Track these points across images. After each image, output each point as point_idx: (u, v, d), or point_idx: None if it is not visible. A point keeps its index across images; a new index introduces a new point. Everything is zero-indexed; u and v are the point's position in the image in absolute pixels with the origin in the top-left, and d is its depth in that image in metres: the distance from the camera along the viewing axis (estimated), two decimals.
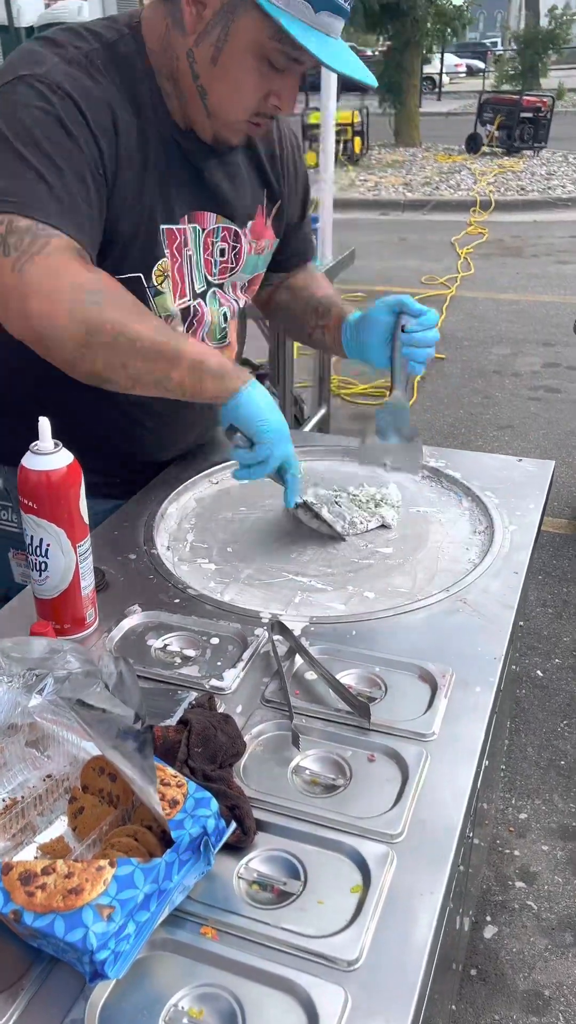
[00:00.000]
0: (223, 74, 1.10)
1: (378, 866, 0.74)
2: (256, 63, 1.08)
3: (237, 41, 1.07)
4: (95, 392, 1.13)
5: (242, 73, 1.09)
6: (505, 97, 14.77)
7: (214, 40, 1.08)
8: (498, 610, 1.10)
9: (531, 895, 1.95)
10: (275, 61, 1.08)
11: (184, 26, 1.09)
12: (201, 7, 1.07)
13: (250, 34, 1.06)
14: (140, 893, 0.65)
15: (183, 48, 1.11)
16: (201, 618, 1.09)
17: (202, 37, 1.08)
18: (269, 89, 1.11)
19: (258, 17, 1.04)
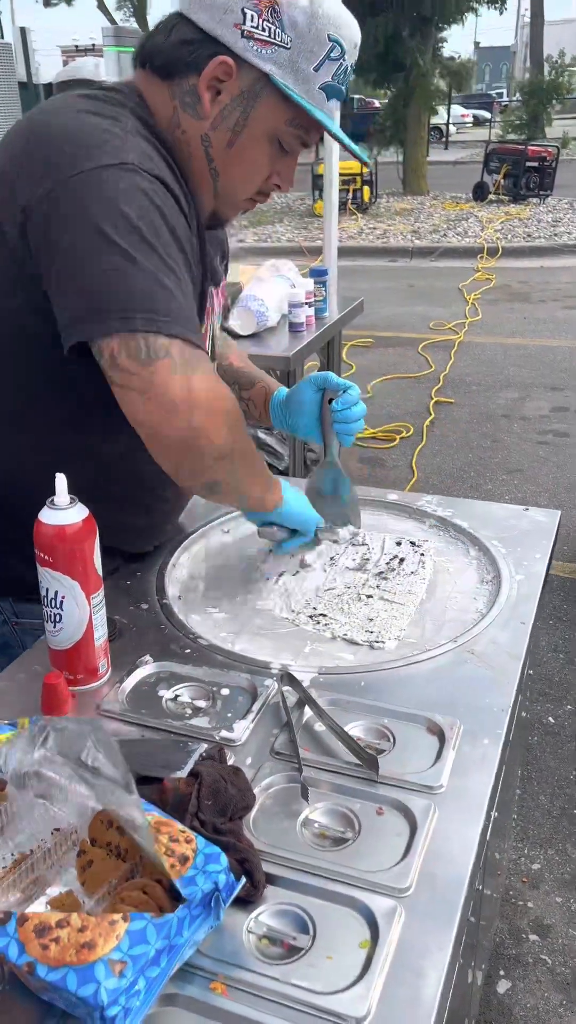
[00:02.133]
0: (239, 158, 1.13)
1: (386, 921, 0.75)
2: (269, 147, 1.13)
3: (255, 127, 1.10)
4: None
5: (257, 157, 1.13)
6: (511, 146, 15.07)
7: (231, 125, 1.10)
8: (506, 661, 1.11)
9: (545, 949, 1.92)
10: (286, 144, 1.13)
11: (199, 111, 1.09)
12: (216, 93, 1.08)
13: (269, 120, 1.10)
14: (152, 948, 0.66)
15: (196, 132, 1.11)
16: (212, 668, 1.10)
17: (218, 122, 1.10)
18: (273, 169, 1.16)
19: (278, 104, 1.08)
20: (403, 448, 4.72)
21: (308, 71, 1.07)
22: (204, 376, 1.02)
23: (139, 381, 0.99)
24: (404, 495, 1.59)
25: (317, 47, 1.06)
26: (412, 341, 6.72)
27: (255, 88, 1.08)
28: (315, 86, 1.08)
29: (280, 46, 1.05)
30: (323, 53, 1.06)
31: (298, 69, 1.06)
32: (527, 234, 11.27)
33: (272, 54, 1.05)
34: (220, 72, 1.06)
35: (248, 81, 1.07)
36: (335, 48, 1.06)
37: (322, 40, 1.05)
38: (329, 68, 1.07)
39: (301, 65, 1.06)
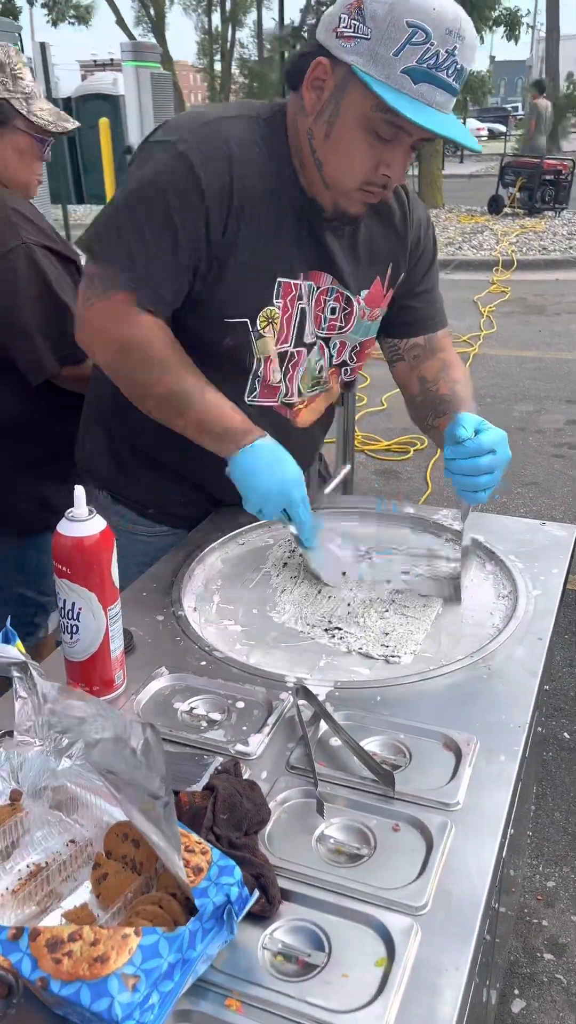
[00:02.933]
0: (336, 146, 1.22)
1: (403, 939, 0.74)
2: (364, 135, 1.19)
3: (346, 116, 1.19)
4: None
5: (352, 144, 1.20)
6: (526, 161, 15.08)
7: (327, 117, 1.21)
8: (523, 677, 1.10)
9: (560, 968, 1.89)
10: (381, 132, 1.18)
11: (305, 109, 1.23)
12: (319, 91, 1.20)
13: (357, 108, 1.17)
14: (164, 962, 0.65)
15: (304, 127, 1.25)
16: (227, 681, 1.10)
17: (319, 116, 1.22)
18: (379, 159, 1.21)
19: (362, 92, 1.15)
20: (417, 460, 4.71)
21: (387, 56, 1.12)
22: (102, 307, 1.27)
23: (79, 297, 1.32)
24: (420, 508, 1.59)
25: (396, 33, 1.10)
26: None
27: (344, 81, 1.17)
28: (397, 70, 1.12)
29: (362, 38, 1.13)
30: (403, 39, 1.10)
31: (377, 56, 1.12)
32: (542, 247, 11.26)
33: (355, 47, 1.14)
34: (319, 72, 1.19)
35: (340, 76, 1.18)
36: (417, 33, 1.10)
37: (400, 26, 1.10)
38: (412, 52, 1.11)
39: (380, 52, 1.12)
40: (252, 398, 1.39)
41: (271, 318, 1.33)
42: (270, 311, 1.32)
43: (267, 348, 1.35)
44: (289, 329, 1.36)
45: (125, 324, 1.26)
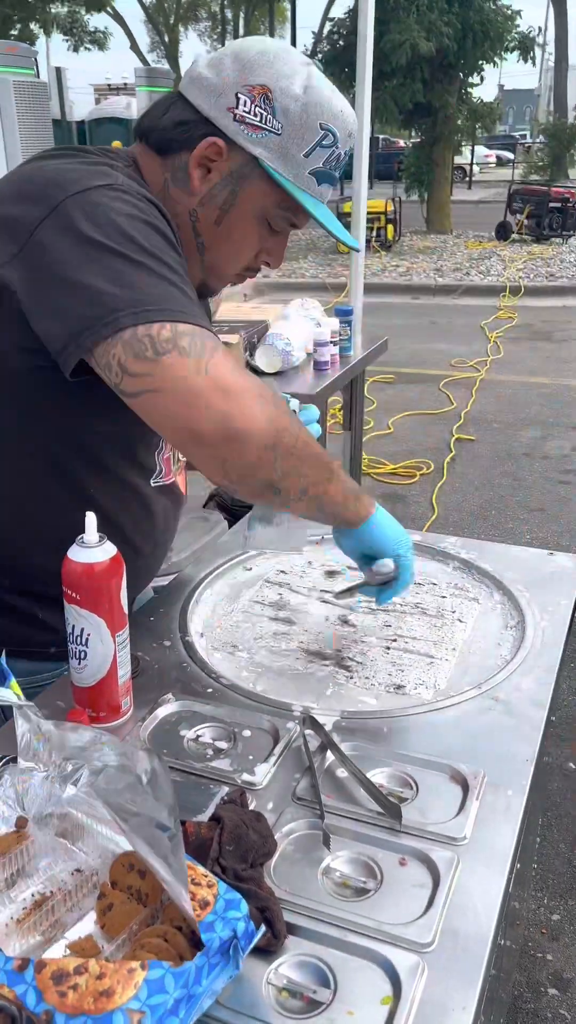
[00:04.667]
0: (226, 234, 1.15)
1: (409, 977, 0.74)
2: (257, 226, 1.14)
3: (243, 206, 1.12)
4: None
5: (244, 235, 1.15)
6: (534, 187, 15.23)
7: (220, 203, 1.12)
8: (530, 709, 1.10)
9: (564, 1003, 1.87)
10: (275, 224, 1.15)
11: (188, 187, 1.11)
12: (206, 171, 1.10)
13: (257, 201, 1.12)
14: (170, 998, 0.65)
15: (185, 206, 1.13)
16: (233, 708, 1.10)
17: (208, 199, 1.12)
18: (263, 247, 1.18)
19: (266, 187, 1.10)
20: (423, 485, 4.72)
21: (298, 157, 1.09)
22: (222, 360, 0.96)
23: (152, 380, 0.94)
24: (427, 536, 1.59)
25: (308, 134, 1.08)
26: (434, 378, 6.76)
27: (244, 170, 1.10)
28: (305, 171, 1.09)
29: (271, 131, 1.07)
30: (314, 140, 1.08)
31: (288, 154, 1.08)
32: (549, 273, 11.34)
33: (262, 138, 1.08)
34: (211, 152, 1.09)
35: (238, 162, 1.10)
36: (327, 136, 1.09)
37: (313, 128, 1.07)
38: (321, 155, 1.09)
39: (291, 151, 1.08)
40: (157, 479, 1.24)
41: None
42: None
43: None
44: None
45: (239, 370, 1.00)
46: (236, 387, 0.95)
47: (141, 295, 0.94)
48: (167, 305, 0.95)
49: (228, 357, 0.98)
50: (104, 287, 0.94)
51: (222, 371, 0.95)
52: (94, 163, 1.07)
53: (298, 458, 1.02)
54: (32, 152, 1.22)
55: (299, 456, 1.02)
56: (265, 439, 0.97)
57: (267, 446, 0.97)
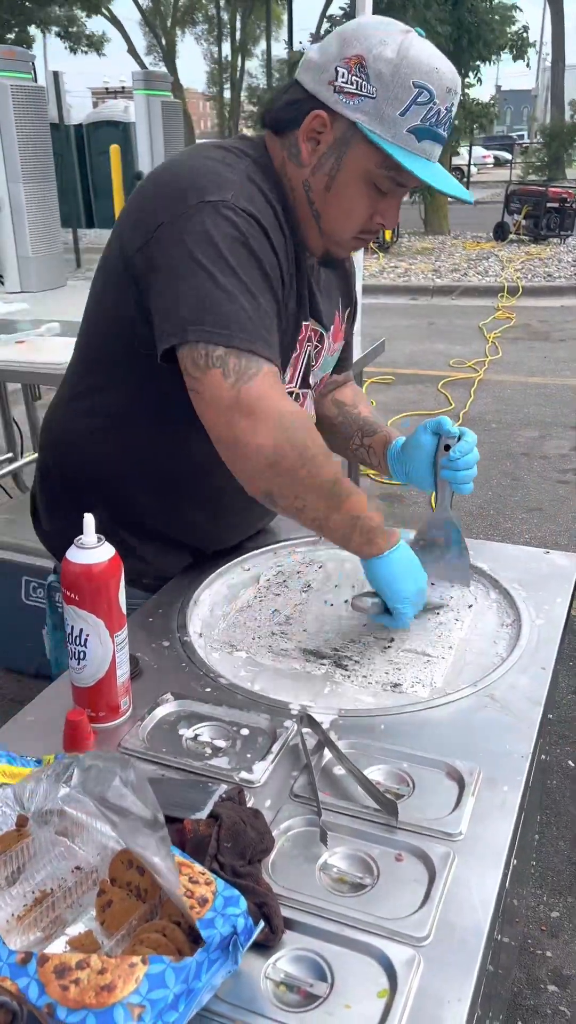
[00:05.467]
0: (336, 199, 1.23)
1: (405, 970, 0.74)
2: (365, 189, 1.21)
3: (349, 170, 1.20)
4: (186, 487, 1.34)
5: (353, 198, 1.22)
6: (532, 188, 15.25)
7: (327, 170, 1.21)
8: (526, 707, 1.11)
9: (564, 1000, 1.88)
10: (381, 186, 1.21)
11: (300, 159, 1.22)
12: (315, 143, 1.20)
13: (361, 164, 1.19)
14: (171, 993, 0.66)
15: (299, 178, 1.24)
16: (232, 708, 1.11)
17: (317, 168, 1.22)
18: (374, 210, 1.24)
19: (368, 149, 1.17)
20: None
21: (394, 116, 1.14)
22: (257, 385, 1.11)
23: (199, 384, 1.13)
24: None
25: (402, 93, 1.13)
26: (432, 379, 6.77)
27: (346, 136, 1.18)
28: (402, 129, 1.14)
29: (366, 96, 1.14)
30: (409, 99, 1.13)
31: (384, 115, 1.14)
32: (547, 274, 11.36)
33: (359, 104, 1.15)
34: (316, 124, 1.19)
35: (341, 130, 1.18)
36: (422, 93, 1.13)
37: (407, 87, 1.12)
38: (417, 112, 1.14)
39: (387, 111, 1.14)
40: None
41: (291, 363, 1.34)
42: (292, 357, 1.33)
43: None
44: (296, 371, 1.37)
45: (285, 400, 1.14)
46: (257, 410, 1.11)
47: (215, 316, 1.11)
48: (232, 329, 1.11)
49: (267, 382, 1.12)
50: (191, 302, 1.12)
51: (252, 394, 1.11)
52: (225, 164, 1.19)
53: (297, 482, 1.15)
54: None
55: (298, 481, 1.15)
56: (264, 458, 1.12)
57: (267, 464, 1.13)
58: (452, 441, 1.37)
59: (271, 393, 1.12)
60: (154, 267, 1.16)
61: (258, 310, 1.13)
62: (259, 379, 1.11)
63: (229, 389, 1.10)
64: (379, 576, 1.24)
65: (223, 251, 1.12)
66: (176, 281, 1.13)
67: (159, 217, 1.16)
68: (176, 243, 1.13)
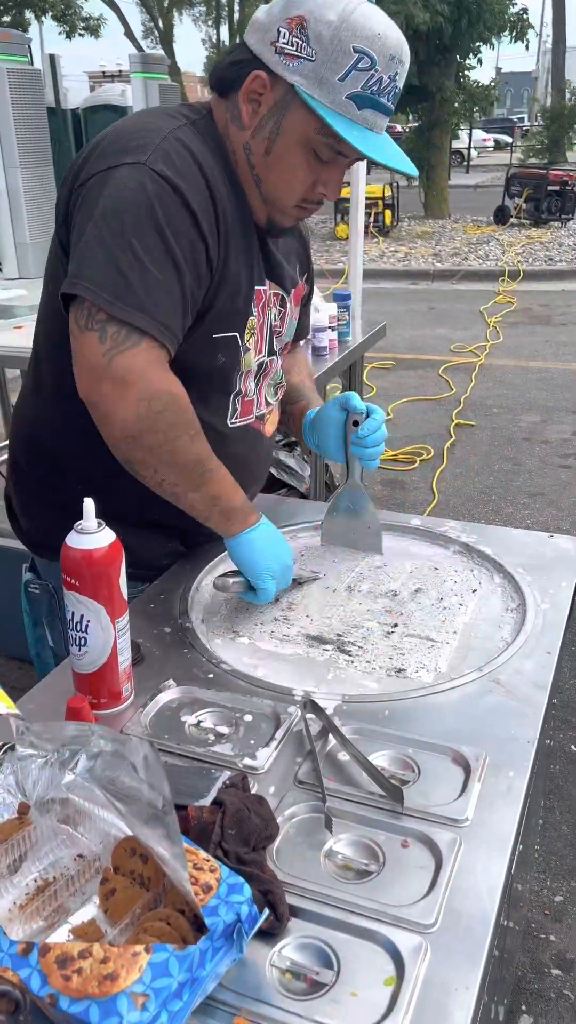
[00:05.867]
0: (276, 164, 1.20)
1: (412, 958, 0.74)
2: (304, 155, 1.19)
3: (288, 135, 1.17)
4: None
5: (293, 164, 1.20)
6: (532, 171, 15.14)
7: (267, 134, 1.19)
8: (531, 691, 1.09)
9: (568, 984, 1.88)
10: (321, 153, 1.18)
11: (241, 121, 1.20)
12: (256, 105, 1.18)
13: (299, 129, 1.16)
14: (174, 981, 0.65)
15: (240, 141, 1.21)
16: (234, 694, 1.10)
17: (257, 131, 1.19)
18: (316, 179, 1.22)
19: (306, 114, 1.14)
20: (423, 470, 4.71)
21: (333, 81, 1.11)
22: (130, 357, 1.10)
23: (76, 344, 1.12)
24: (427, 520, 1.58)
25: (342, 58, 1.10)
26: (433, 363, 6.74)
27: (286, 99, 1.15)
28: (341, 95, 1.12)
29: (306, 59, 1.11)
30: (348, 64, 1.10)
31: (323, 79, 1.11)
32: (548, 257, 11.29)
33: (298, 67, 1.12)
34: (256, 86, 1.16)
35: (280, 93, 1.15)
36: (362, 59, 1.10)
37: (347, 51, 1.10)
38: (357, 78, 1.11)
39: (325, 75, 1.11)
40: (234, 420, 1.34)
41: (252, 329, 1.31)
42: (251, 322, 1.30)
43: (250, 362, 1.32)
44: (263, 338, 1.35)
45: (157, 377, 1.13)
46: (125, 382, 1.11)
47: (101, 280, 1.09)
48: (114, 296, 1.09)
49: (143, 357, 1.11)
50: (86, 260, 1.11)
51: (123, 366, 1.10)
52: (152, 128, 1.16)
53: (157, 458, 1.17)
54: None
55: (159, 457, 1.16)
56: (126, 430, 1.13)
57: (127, 436, 1.14)
58: (360, 418, 1.38)
59: (143, 368, 1.11)
60: (71, 225, 1.18)
61: (148, 283, 1.10)
62: (134, 352, 1.10)
63: (101, 356, 1.10)
64: (239, 555, 1.26)
65: (125, 221, 1.10)
66: (81, 239, 1.13)
67: (82, 175, 1.17)
68: (88, 204, 1.14)
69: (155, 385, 1.13)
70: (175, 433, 1.15)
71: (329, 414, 1.42)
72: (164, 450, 1.15)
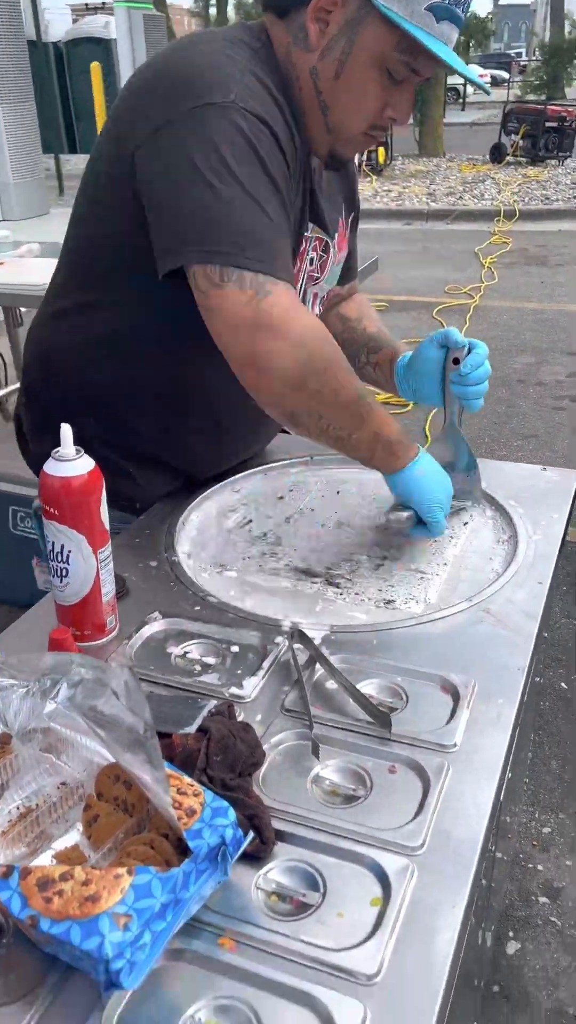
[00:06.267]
0: (347, 87, 1.12)
1: (398, 879, 0.73)
2: (378, 75, 1.10)
3: (361, 54, 1.09)
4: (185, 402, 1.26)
5: (365, 86, 1.11)
6: (530, 107, 14.75)
7: (338, 55, 1.10)
8: (522, 621, 1.08)
9: (555, 911, 1.92)
10: (395, 72, 1.10)
11: (308, 44, 1.11)
12: (324, 24, 1.09)
13: (374, 46, 1.08)
14: (157, 903, 0.64)
15: (306, 65, 1.13)
16: (221, 626, 1.08)
17: (326, 53, 1.10)
18: (387, 101, 1.13)
19: (383, 29, 1.06)
20: (416, 413, 4.66)
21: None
22: (275, 301, 1.04)
23: (212, 302, 1.05)
24: None
25: None
26: (427, 305, 6.63)
27: (359, 14, 1.07)
28: (421, 7, 1.04)
29: None
30: None
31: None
32: (545, 197, 11.07)
33: None
34: (325, 3, 1.07)
35: (353, 8, 1.07)
36: None
37: None
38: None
39: None
40: None
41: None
42: (294, 271, 1.24)
43: None
44: (297, 286, 1.28)
45: (305, 315, 1.08)
46: (278, 328, 1.04)
47: (224, 233, 1.03)
48: (243, 246, 1.03)
49: (286, 297, 1.05)
50: (196, 217, 1.04)
51: (272, 311, 1.04)
52: (228, 57, 1.08)
53: (322, 403, 1.10)
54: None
55: (324, 402, 1.10)
56: (287, 379, 1.06)
57: (289, 385, 1.07)
58: (460, 353, 1.28)
59: (290, 308, 1.05)
60: (153, 174, 1.07)
61: (268, 224, 1.05)
62: (277, 294, 1.04)
63: (246, 305, 1.03)
64: (409, 489, 1.19)
65: (228, 161, 1.02)
66: (178, 192, 1.04)
67: (160, 116, 1.06)
68: (178, 149, 1.04)
69: (306, 322, 1.07)
70: (332, 371, 1.09)
71: (427, 354, 1.32)
72: (328, 390, 1.09)
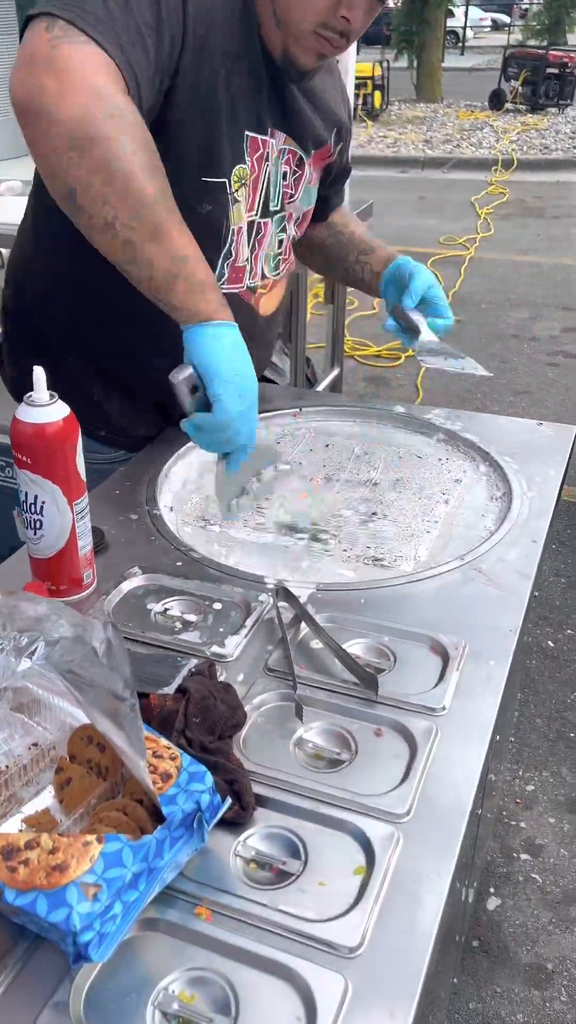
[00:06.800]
0: None
1: (383, 847, 0.70)
2: None
3: None
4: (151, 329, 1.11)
5: None
6: (531, 52, 14.35)
7: None
8: (515, 580, 1.04)
9: (536, 868, 1.92)
10: None
11: None
12: None
13: None
14: (128, 872, 0.61)
15: None
16: (204, 582, 1.04)
17: None
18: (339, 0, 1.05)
19: None
20: (408, 367, 4.59)
21: None
22: (80, 50, 0.92)
23: (22, 44, 0.94)
24: (412, 407, 1.51)
25: None
26: (421, 256, 6.43)
27: None
28: None
29: None
30: None
31: None
32: (544, 146, 10.83)
33: None
34: None
35: None
36: None
37: None
38: None
39: None
40: (220, 284, 1.19)
41: (242, 179, 1.18)
42: (241, 170, 1.17)
43: (240, 216, 1.21)
44: (256, 194, 1.22)
45: (112, 83, 0.94)
46: (72, 72, 0.91)
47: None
48: (80, 11, 0.93)
49: (101, 58, 0.93)
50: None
51: (72, 54, 0.92)
52: None
53: (105, 180, 0.93)
54: None
55: (108, 178, 0.93)
56: (68, 131, 0.92)
57: (70, 142, 0.92)
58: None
59: (96, 65, 0.93)
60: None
61: (130, 23, 0.96)
62: (87, 48, 0.92)
63: (45, 44, 0.92)
64: (201, 348, 1.01)
65: None
66: None
67: None
68: None
69: (108, 88, 0.93)
70: (130, 148, 0.93)
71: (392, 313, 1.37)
72: (115, 167, 0.93)
